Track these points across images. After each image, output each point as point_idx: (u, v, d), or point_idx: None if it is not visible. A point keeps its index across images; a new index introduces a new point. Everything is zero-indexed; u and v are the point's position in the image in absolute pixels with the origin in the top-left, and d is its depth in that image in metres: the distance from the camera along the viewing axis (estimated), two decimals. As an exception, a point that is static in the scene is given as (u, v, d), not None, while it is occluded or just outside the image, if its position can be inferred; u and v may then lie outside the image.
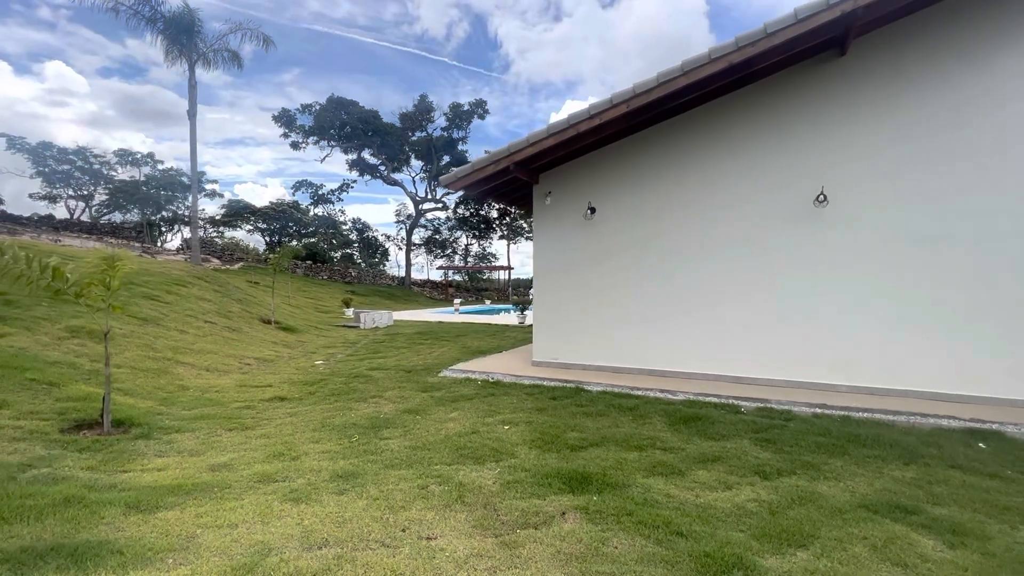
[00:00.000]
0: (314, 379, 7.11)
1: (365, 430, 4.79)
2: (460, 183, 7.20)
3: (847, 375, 5.94)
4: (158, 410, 5.20)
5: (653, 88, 5.91)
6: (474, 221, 37.77)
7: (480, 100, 30.59)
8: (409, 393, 6.29)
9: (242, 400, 5.93)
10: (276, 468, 3.76)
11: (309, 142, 30.70)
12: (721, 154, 6.56)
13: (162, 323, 8.48)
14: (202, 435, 4.54)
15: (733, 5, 70.27)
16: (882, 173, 5.76)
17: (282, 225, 44.36)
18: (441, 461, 4.05)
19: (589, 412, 5.43)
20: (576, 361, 7.46)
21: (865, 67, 5.86)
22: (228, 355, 8.08)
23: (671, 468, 3.93)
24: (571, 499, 3.40)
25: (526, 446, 4.43)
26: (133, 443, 4.13)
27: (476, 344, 10.86)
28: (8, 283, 4.13)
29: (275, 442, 4.40)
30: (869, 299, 5.82)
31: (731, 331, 6.50)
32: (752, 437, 4.65)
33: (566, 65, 72.03)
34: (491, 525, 3.05)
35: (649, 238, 7.00)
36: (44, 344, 6.08)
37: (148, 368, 6.44)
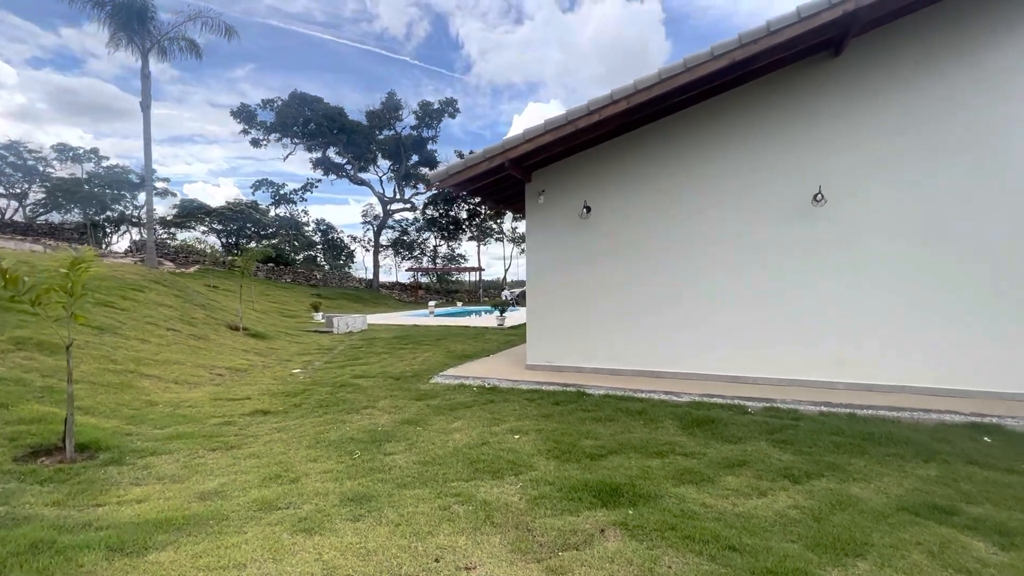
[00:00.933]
0: (296, 389, 6.63)
1: (366, 445, 4.42)
2: (451, 180, 6.88)
3: (844, 372, 6.00)
4: (126, 430, 4.65)
5: (654, 84, 5.80)
6: (443, 222, 37.18)
7: (451, 99, 30.19)
8: (403, 402, 5.93)
9: (220, 415, 5.42)
10: (276, 493, 3.37)
11: (271, 139, 29.37)
12: (718, 152, 6.53)
13: (120, 332, 7.73)
14: (182, 457, 4.07)
15: (690, 14, 72.52)
16: (878, 172, 5.85)
17: (239, 226, 42.41)
18: (457, 477, 3.75)
19: (598, 417, 5.24)
20: (572, 364, 7.28)
21: (860, 68, 5.94)
22: (197, 365, 7.44)
23: (699, 475, 3.79)
24: (606, 514, 3.19)
25: (542, 456, 4.19)
26: (103, 470, 3.63)
27: (460, 348, 10.53)
28: None
29: (268, 462, 3.98)
30: (866, 296, 5.91)
31: (729, 330, 6.48)
32: (768, 439, 4.58)
33: (528, 67, 72.35)
34: (529, 548, 2.79)
35: (646, 237, 6.90)
36: (-15, 358, 5.37)
37: (109, 383, 5.81)
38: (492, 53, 70.18)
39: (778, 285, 6.26)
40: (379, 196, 32.55)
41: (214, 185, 73.84)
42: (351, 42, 60.21)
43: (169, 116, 62.71)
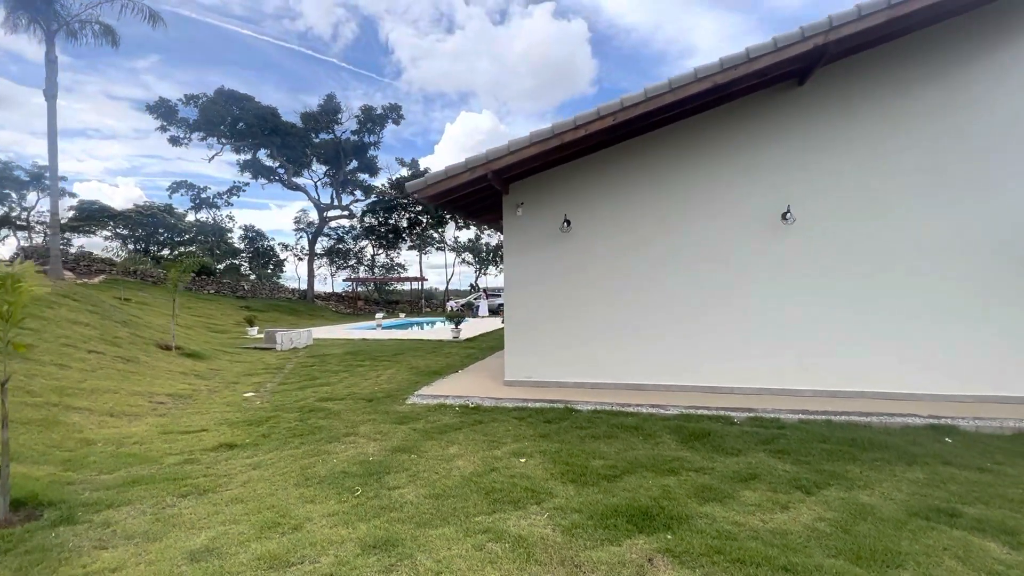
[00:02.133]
0: (258, 417, 5.98)
1: (363, 479, 4.03)
2: (429, 191, 6.59)
3: (810, 380, 6.40)
4: (65, 478, 3.92)
5: (640, 103, 5.92)
6: (382, 230, 35.92)
7: (395, 104, 29.27)
8: (386, 427, 5.53)
9: (177, 452, 4.74)
10: (281, 545, 2.94)
11: (193, 138, 26.86)
12: (695, 170, 6.78)
13: (32, 357, 6.59)
14: (148, 508, 3.47)
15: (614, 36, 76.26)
16: (837, 192, 6.35)
17: (149, 232, 38.55)
18: (477, 511, 3.50)
19: (596, 435, 5.18)
20: (552, 379, 7.19)
21: (819, 97, 6.43)
22: (132, 393, 6.50)
23: (717, 492, 3.81)
24: (646, 540, 3.10)
25: (557, 481, 4.04)
26: (52, 533, 3.00)
27: (423, 363, 10.11)
28: None
29: (257, 507, 3.50)
30: (827, 308, 6.36)
31: (707, 342, 6.70)
32: (764, 449, 4.73)
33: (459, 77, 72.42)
34: (586, 587, 2.63)
35: (625, 250, 7.00)
36: None
37: (29, 419, 4.90)
38: (423, 60, 69.51)
39: (751, 298, 6.58)
40: (315, 202, 30.80)
41: (111, 185, 66.23)
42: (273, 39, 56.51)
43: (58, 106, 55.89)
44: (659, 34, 78.11)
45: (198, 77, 61.43)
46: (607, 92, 77.54)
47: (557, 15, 71.35)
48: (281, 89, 62.28)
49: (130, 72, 54.86)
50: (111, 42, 13.27)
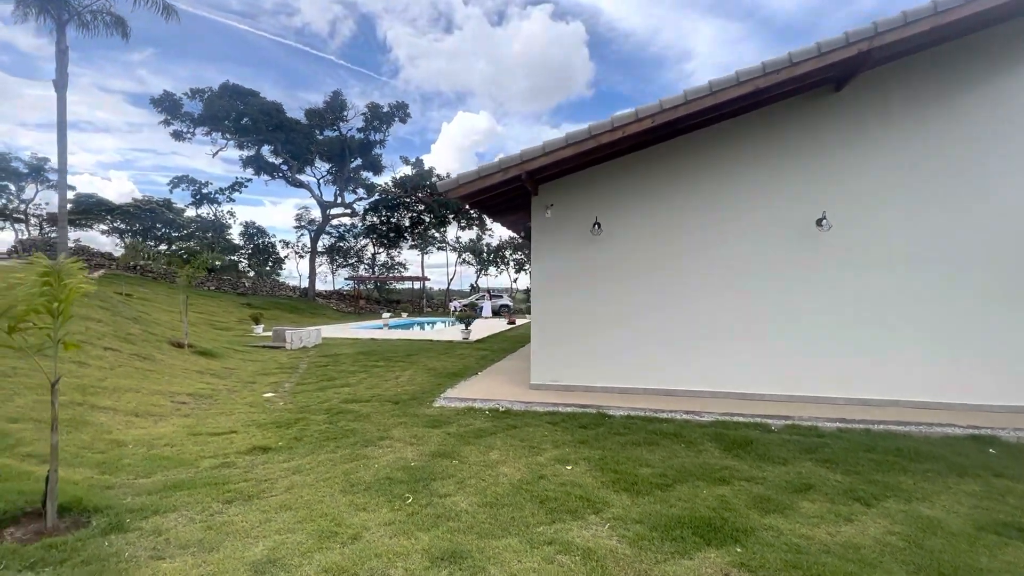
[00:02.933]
0: (285, 419, 5.85)
1: (410, 486, 3.93)
2: (461, 190, 6.50)
3: (843, 387, 6.35)
4: (104, 481, 3.79)
5: (679, 105, 5.86)
6: (383, 229, 35.70)
7: (401, 103, 29.06)
8: (419, 431, 5.42)
9: (210, 455, 4.61)
10: (345, 557, 2.84)
11: (196, 133, 26.59)
12: (729, 174, 6.73)
13: (50, 354, 6.42)
14: (196, 515, 3.35)
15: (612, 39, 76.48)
16: (876, 199, 6.31)
17: (147, 226, 38.14)
18: (536, 520, 3.40)
19: (636, 442, 5.09)
20: (580, 383, 7.10)
21: (857, 102, 6.39)
22: (153, 392, 6.35)
23: (775, 502, 3.74)
24: (717, 554, 3.02)
25: (609, 490, 3.95)
26: (105, 542, 2.88)
27: (439, 365, 9.99)
28: None
29: (309, 515, 3.38)
30: (863, 316, 6.31)
31: (736, 348, 6.64)
32: (810, 458, 4.66)
33: (456, 76, 72.33)
34: (671, 604, 2.54)
35: (655, 254, 6.93)
36: None
37: (59, 419, 4.74)
38: (421, 59, 69.37)
39: (783, 304, 6.52)
40: (318, 199, 30.53)
41: (104, 178, 65.53)
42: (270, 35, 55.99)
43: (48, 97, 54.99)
44: (657, 38, 78.40)
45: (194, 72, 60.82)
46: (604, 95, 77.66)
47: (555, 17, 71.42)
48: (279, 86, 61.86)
49: (124, 65, 54.28)
50: (121, 34, 13.05)
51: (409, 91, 64.15)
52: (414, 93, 65.70)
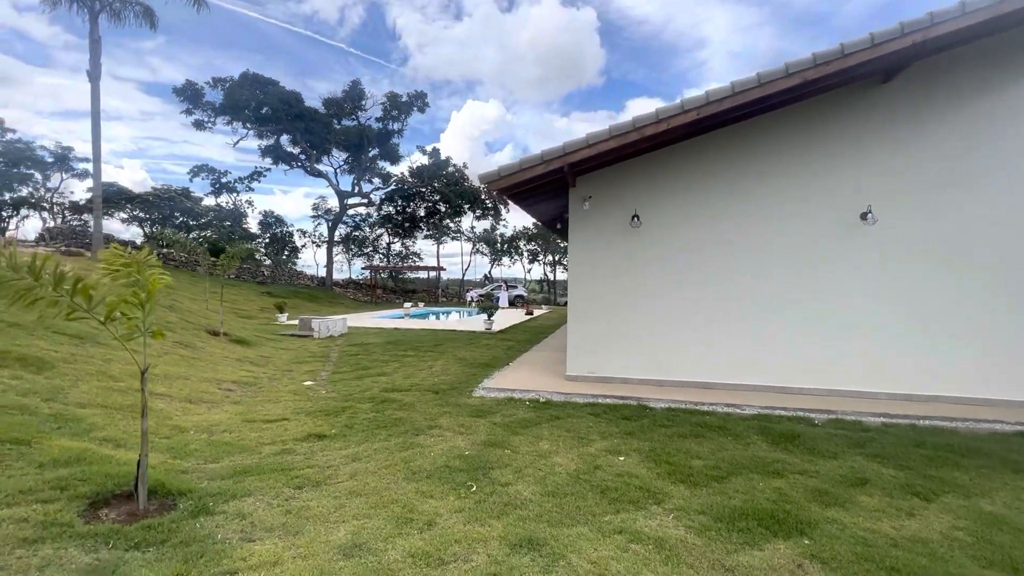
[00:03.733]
0: (331, 407, 5.97)
1: (470, 474, 4.01)
2: (502, 183, 6.52)
3: (885, 383, 6.33)
4: (176, 466, 3.92)
5: (726, 97, 5.81)
6: (399, 219, 35.81)
7: (420, 92, 28.95)
8: (465, 420, 5.52)
9: (269, 441, 4.74)
10: (427, 543, 2.92)
11: (218, 122, 26.76)
12: (769, 166, 6.67)
13: (101, 341, 6.60)
14: (272, 500, 3.46)
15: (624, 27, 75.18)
16: (921, 192, 6.22)
17: (166, 214, 38.60)
18: (601, 510, 3.48)
19: (682, 434, 5.14)
20: (616, 375, 7.15)
21: (903, 94, 6.28)
22: (202, 379, 6.51)
23: (833, 496, 3.77)
24: (786, 545, 3.07)
25: (665, 481, 4.01)
26: (196, 524, 2.99)
27: (468, 355, 10.09)
28: (6, 300, 2.77)
29: (380, 501, 3.48)
30: (906, 310, 6.26)
31: (775, 342, 6.64)
32: (860, 453, 4.69)
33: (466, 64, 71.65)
34: (751, 594, 2.60)
35: (694, 247, 6.92)
36: (-35, 380, 4.32)
37: (121, 405, 4.90)
38: (430, 47, 68.77)
39: (824, 298, 6.49)
40: (336, 189, 30.70)
41: (116, 167, 66.18)
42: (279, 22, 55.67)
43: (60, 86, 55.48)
44: (671, 26, 76.99)
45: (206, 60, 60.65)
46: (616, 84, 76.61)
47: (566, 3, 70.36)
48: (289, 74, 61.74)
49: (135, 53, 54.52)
50: (150, 24, 13.13)
51: (418, 79, 63.80)
52: (423, 82, 65.33)
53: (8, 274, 2.68)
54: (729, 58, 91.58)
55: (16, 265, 2.70)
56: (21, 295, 2.71)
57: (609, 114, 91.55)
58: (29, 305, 2.77)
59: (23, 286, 2.71)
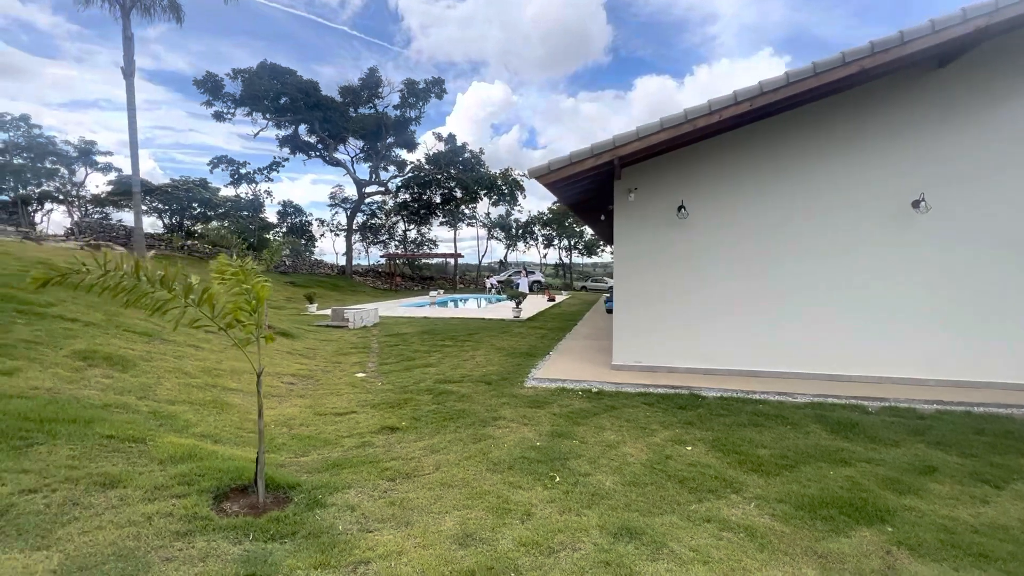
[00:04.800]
0: (392, 399, 6.19)
1: (550, 465, 4.19)
2: (552, 176, 6.59)
3: (936, 370, 6.39)
4: (274, 460, 4.14)
5: (781, 87, 5.80)
6: (414, 206, 35.92)
7: (437, 79, 28.77)
8: (525, 411, 5.70)
9: (346, 434, 4.96)
10: (532, 532, 3.11)
11: (237, 113, 26.91)
12: (819, 155, 6.66)
13: (167, 338, 6.87)
14: (372, 492, 3.67)
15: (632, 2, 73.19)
16: (974, 180, 6.19)
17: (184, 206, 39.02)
18: (684, 500, 3.64)
19: (741, 423, 5.28)
20: (662, 364, 7.28)
21: (958, 80, 6.20)
22: (266, 374, 6.75)
23: (903, 484, 3.90)
24: (870, 532, 3.21)
25: (737, 470, 4.16)
26: (315, 516, 3.20)
27: (505, 344, 10.28)
28: (128, 307, 2.95)
29: (472, 492, 3.67)
30: (958, 297, 6.29)
31: (823, 328, 6.71)
32: (921, 441, 4.79)
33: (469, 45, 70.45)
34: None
35: (740, 237, 6.96)
36: (66, 379, 4.56)
37: (204, 401, 5.14)
38: (433, 28, 67.51)
39: (874, 286, 6.53)
40: (354, 177, 30.84)
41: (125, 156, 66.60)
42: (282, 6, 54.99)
43: (67, 77, 55.64)
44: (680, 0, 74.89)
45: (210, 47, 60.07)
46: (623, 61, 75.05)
47: (571, -24, 68.50)
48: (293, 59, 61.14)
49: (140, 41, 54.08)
50: (176, 19, 13.20)
51: (421, 62, 62.85)
52: (426, 64, 64.32)
53: (145, 287, 2.86)
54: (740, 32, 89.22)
55: (151, 278, 2.87)
56: (159, 306, 2.89)
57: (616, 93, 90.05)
58: (160, 314, 2.95)
59: (158, 297, 2.88)
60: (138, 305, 2.87)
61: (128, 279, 2.82)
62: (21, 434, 3.27)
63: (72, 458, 3.20)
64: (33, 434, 3.32)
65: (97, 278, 2.75)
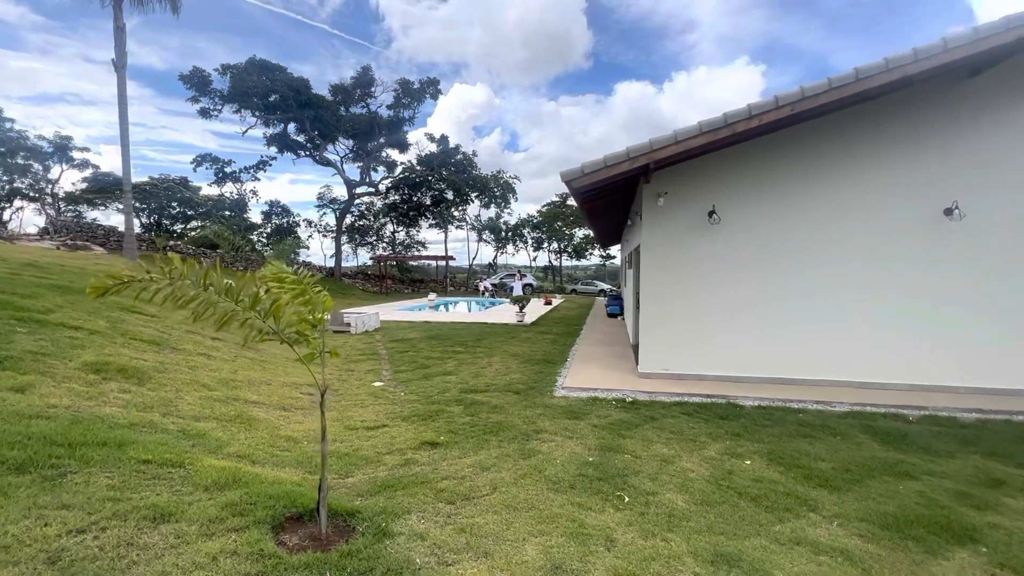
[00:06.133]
0: (422, 411, 5.90)
1: (609, 483, 3.99)
2: (585, 180, 6.40)
3: (967, 377, 6.40)
4: (312, 481, 3.84)
5: (822, 92, 5.73)
6: (404, 208, 35.37)
7: (432, 79, 28.26)
8: (564, 423, 5.49)
9: (385, 451, 4.67)
10: (626, 561, 2.90)
11: (225, 110, 26.02)
12: (851, 161, 6.65)
13: (176, 346, 6.44)
14: (435, 517, 3.41)
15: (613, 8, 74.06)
16: (1009, 187, 6.22)
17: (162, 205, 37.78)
18: (763, 519, 3.49)
19: (788, 434, 5.17)
20: (689, 371, 7.16)
21: (991, 88, 6.24)
22: (283, 384, 6.40)
23: (977, 499, 3.82)
24: (967, 553, 3.10)
25: (804, 485, 4.03)
26: (386, 548, 2.93)
27: (518, 351, 10.05)
28: (210, 324, 2.65)
29: (542, 515, 3.44)
30: (989, 305, 6.31)
31: (857, 337, 6.67)
32: (974, 451, 4.74)
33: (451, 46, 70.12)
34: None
35: (771, 243, 6.89)
36: (83, 395, 4.17)
37: (229, 416, 4.79)
38: (415, 29, 66.82)
39: (907, 294, 6.52)
40: (344, 178, 30.13)
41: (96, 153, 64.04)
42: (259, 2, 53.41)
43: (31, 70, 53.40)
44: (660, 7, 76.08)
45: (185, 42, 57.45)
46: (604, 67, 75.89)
47: (552, -19, 68.84)
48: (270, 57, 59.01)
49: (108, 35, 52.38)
50: (173, 9, 12.63)
51: (402, 63, 61.95)
52: (407, 65, 63.41)
53: (214, 297, 2.56)
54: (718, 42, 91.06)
55: (219, 289, 2.58)
56: (227, 318, 2.60)
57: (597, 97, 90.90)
58: (227, 327, 2.66)
59: (226, 309, 2.59)
60: (203, 318, 2.57)
61: (193, 289, 2.53)
62: (52, 462, 2.93)
63: (112, 488, 2.87)
64: (64, 461, 2.98)
65: (164, 287, 2.44)
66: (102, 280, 2.39)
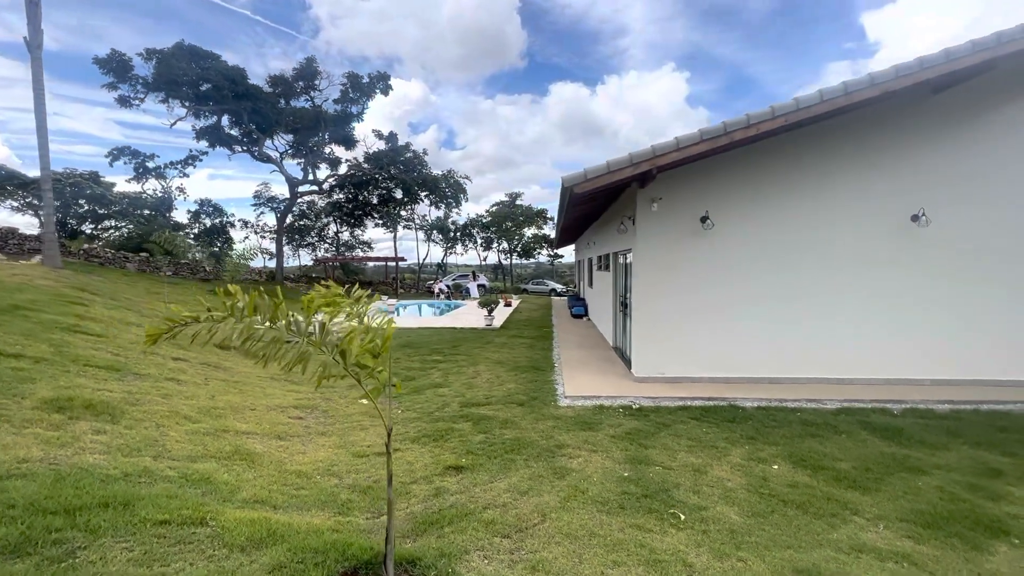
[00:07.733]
0: (429, 431, 5.55)
1: (654, 500, 3.91)
2: (588, 184, 6.31)
3: (930, 370, 6.98)
4: (354, 524, 3.46)
5: (815, 105, 6.00)
6: (348, 207, 33.79)
7: (383, 74, 26.90)
8: (582, 435, 5.36)
9: (408, 479, 4.33)
10: (711, 588, 2.81)
11: (148, 99, 23.41)
12: (837, 169, 7.11)
13: (137, 370, 5.62)
14: (495, 554, 3.15)
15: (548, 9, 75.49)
16: (969, 197, 6.84)
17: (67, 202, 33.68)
18: (816, 527, 3.56)
19: (797, 434, 5.35)
20: (684, 374, 7.28)
21: (951, 105, 6.82)
22: (269, 408, 5.77)
23: (987, 490, 4.11)
24: (1007, 547, 3.31)
25: (836, 487, 4.18)
26: (465, 599, 2.66)
27: (499, 357, 9.82)
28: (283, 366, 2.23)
29: (606, 543, 3.28)
30: (950, 302, 6.91)
31: (838, 336, 7.09)
32: (962, 442, 5.13)
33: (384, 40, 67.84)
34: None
35: (761, 247, 7.16)
36: (54, 442, 3.46)
37: (226, 453, 4.21)
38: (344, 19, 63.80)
39: (882, 295, 7.00)
40: (286, 175, 28.15)
41: None
42: None
43: None
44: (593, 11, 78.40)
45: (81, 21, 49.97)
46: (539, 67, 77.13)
47: (484, -21, 68.79)
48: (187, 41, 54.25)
49: None
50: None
51: (331, 54, 58.74)
52: (336, 56, 60.09)
53: (285, 335, 2.17)
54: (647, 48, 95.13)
55: (292, 328, 2.19)
56: (302, 360, 2.21)
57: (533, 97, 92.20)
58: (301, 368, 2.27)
59: (301, 349, 2.20)
60: (275, 359, 2.17)
61: (259, 324, 2.12)
62: (53, 537, 2.38)
63: (136, 563, 2.38)
64: (68, 534, 2.43)
65: (234, 327, 2.02)
66: (156, 326, 1.94)
